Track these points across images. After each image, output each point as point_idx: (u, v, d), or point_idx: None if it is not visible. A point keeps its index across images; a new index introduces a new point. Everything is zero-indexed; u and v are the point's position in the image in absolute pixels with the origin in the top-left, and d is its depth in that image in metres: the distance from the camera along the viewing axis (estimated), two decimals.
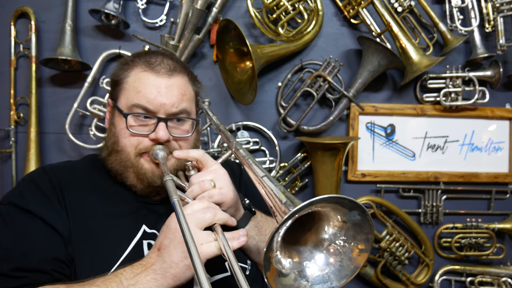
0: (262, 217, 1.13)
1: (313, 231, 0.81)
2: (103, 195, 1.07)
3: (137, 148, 1.05)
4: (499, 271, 2.03)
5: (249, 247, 1.08)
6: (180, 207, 0.82)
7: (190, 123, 1.12)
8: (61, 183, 1.02)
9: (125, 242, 1.00)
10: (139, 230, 1.03)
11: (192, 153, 1.05)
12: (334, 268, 0.79)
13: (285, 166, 1.95)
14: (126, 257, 0.97)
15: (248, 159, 0.94)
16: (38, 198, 0.98)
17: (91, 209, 1.02)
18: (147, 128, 1.05)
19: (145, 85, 1.04)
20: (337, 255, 0.79)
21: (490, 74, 2.00)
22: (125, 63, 1.11)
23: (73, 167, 1.13)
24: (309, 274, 0.79)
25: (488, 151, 2.11)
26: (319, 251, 0.80)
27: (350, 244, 0.78)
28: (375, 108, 1.99)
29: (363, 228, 0.75)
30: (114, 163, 1.08)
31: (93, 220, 1.00)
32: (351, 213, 0.74)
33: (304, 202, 0.66)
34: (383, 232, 1.94)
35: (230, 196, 0.99)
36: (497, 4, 1.94)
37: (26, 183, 1.04)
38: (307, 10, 1.85)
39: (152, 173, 1.05)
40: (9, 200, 0.99)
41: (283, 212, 0.71)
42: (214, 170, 1.02)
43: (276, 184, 0.80)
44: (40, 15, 1.80)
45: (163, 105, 1.04)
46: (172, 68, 1.08)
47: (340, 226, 0.78)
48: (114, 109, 1.10)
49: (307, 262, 0.80)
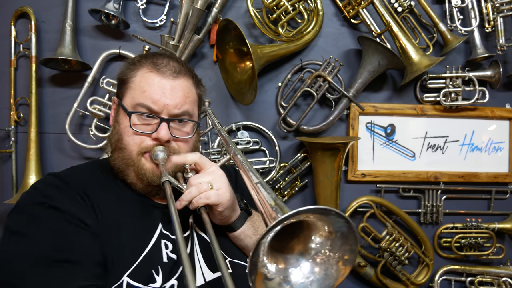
0: (259, 217, 1.15)
1: (300, 239, 0.83)
2: (116, 195, 1.08)
3: (139, 147, 1.07)
4: (499, 271, 2.03)
5: (246, 246, 1.11)
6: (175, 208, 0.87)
7: (191, 125, 1.14)
8: (78, 186, 1.02)
9: (144, 240, 1.01)
10: (156, 229, 1.05)
11: (189, 157, 1.07)
12: (319, 276, 0.81)
13: (285, 166, 1.95)
14: (146, 255, 0.98)
15: (245, 165, 0.97)
16: (62, 195, 0.97)
17: (109, 207, 1.02)
18: (150, 127, 1.07)
19: (150, 85, 1.07)
20: (322, 264, 0.81)
21: (490, 74, 2.00)
22: (132, 63, 1.13)
23: (82, 172, 1.13)
24: (294, 280, 0.80)
25: (488, 151, 2.11)
26: (305, 259, 0.82)
27: (336, 254, 0.80)
28: (375, 108, 1.99)
29: (349, 239, 0.77)
30: (117, 160, 1.09)
31: (113, 218, 1.01)
32: (337, 224, 0.76)
33: (292, 211, 0.68)
34: (383, 232, 1.94)
35: (227, 197, 1.01)
36: (497, 4, 1.94)
37: (42, 185, 1.02)
38: (307, 10, 1.85)
39: (152, 173, 1.07)
40: (32, 201, 0.96)
41: (272, 218, 0.73)
42: (212, 172, 1.04)
43: (268, 192, 0.82)
44: (40, 15, 1.80)
45: (167, 106, 1.06)
46: (177, 71, 1.10)
47: (327, 236, 0.80)
48: (119, 107, 1.12)
49: (293, 268, 0.82)
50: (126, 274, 0.94)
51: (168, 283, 0.98)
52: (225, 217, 1.05)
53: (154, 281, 0.97)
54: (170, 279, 0.99)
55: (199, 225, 1.12)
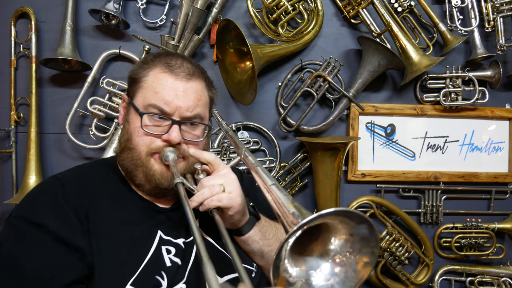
0: (266, 221, 1.14)
1: (319, 241, 0.82)
2: (117, 201, 1.07)
3: (149, 147, 1.05)
4: (499, 271, 2.03)
5: (253, 251, 1.10)
6: (191, 210, 0.88)
7: (202, 128, 1.12)
8: (77, 191, 1.02)
9: (145, 248, 1.00)
10: (155, 236, 1.03)
11: (205, 154, 1.06)
12: (339, 278, 0.80)
13: (285, 166, 1.95)
14: (148, 263, 0.98)
15: (257, 166, 0.96)
16: (51, 210, 0.97)
17: (107, 215, 1.01)
18: (161, 128, 1.06)
19: (163, 86, 1.05)
20: (342, 266, 0.80)
21: (490, 74, 2.00)
22: (145, 62, 1.11)
23: (84, 174, 1.12)
24: (315, 283, 0.80)
25: (488, 151, 2.11)
26: (325, 261, 0.81)
27: (356, 256, 0.79)
28: (375, 108, 1.99)
29: (369, 242, 0.77)
30: (125, 160, 1.08)
31: (111, 227, 1.00)
32: (358, 227, 0.75)
33: (313, 214, 0.67)
34: (383, 232, 1.94)
35: (238, 201, 1.00)
36: (497, 4, 1.94)
37: (40, 193, 1.02)
38: (307, 10, 1.85)
39: (161, 175, 1.05)
40: (20, 213, 0.97)
41: (291, 221, 0.72)
42: (225, 174, 1.03)
43: (284, 194, 0.81)
44: (40, 15, 1.80)
45: (179, 108, 1.04)
46: (191, 72, 1.08)
47: (347, 239, 0.79)
48: (129, 106, 1.10)
49: (313, 271, 0.81)
50: (129, 283, 0.93)
51: (176, 286, 0.98)
52: (235, 221, 1.04)
53: (160, 285, 0.96)
54: (177, 283, 0.99)
55: (205, 229, 1.11)
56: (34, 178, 1.71)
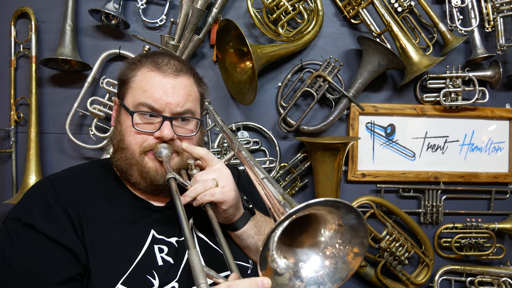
0: (261, 217, 1.15)
1: (309, 233, 0.82)
2: (111, 200, 1.07)
3: (142, 146, 1.06)
4: (499, 271, 2.03)
5: (248, 246, 1.11)
6: (181, 204, 0.86)
7: (194, 123, 1.13)
8: (69, 192, 1.02)
9: (136, 247, 1.01)
10: (148, 235, 1.04)
11: (197, 149, 1.07)
12: (329, 270, 0.80)
13: (285, 166, 1.95)
14: (139, 262, 0.98)
15: (250, 161, 0.96)
16: (42, 210, 0.98)
17: (100, 215, 1.02)
18: (152, 126, 1.07)
19: (151, 84, 1.06)
20: (332, 258, 0.80)
21: (490, 74, 2.00)
22: (132, 62, 1.13)
23: (79, 174, 1.13)
24: (304, 275, 0.80)
25: (488, 151, 2.11)
26: (314, 253, 0.81)
27: (346, 247, 0.79)
28: (375, 108, 1.99)
29: (359, 232, 0.76)
30: (120, 160, 1.09)
31: (104, 226, 1.00)
32: (347, 217, 0.75)
33: (301, 204, 0.67)
34: (383, 232, 1.94)
35: (232, 195, 1.01)
36: (497, 4, 1.94)
37: (32, 195, 1.03)
38: (307, 10, 1.85)
39: (156, 171, 1.06)
40: (14, 215, 0.99)
41: (280, 212, 0.72)
42: (218, 169, 1.04)
43: (275, 186, 0.81)
44: (40, 15, 1.80)
45: (169, 104, 1.05)
46: (178, 69, 1.10)
47: (336, 229, 0.79)
48: (120, 108, 1.12)
49: (303, 263, 0.81)
50: (120, 282, 0.94)
51: (168, 286, 0.98)
52: (229, 216, 1.04)
53: (151, 285, 0.96)
54: (169, 282, 0.99)
55: (199, 227, 1.12)
56: (34, 178, 1.71)
